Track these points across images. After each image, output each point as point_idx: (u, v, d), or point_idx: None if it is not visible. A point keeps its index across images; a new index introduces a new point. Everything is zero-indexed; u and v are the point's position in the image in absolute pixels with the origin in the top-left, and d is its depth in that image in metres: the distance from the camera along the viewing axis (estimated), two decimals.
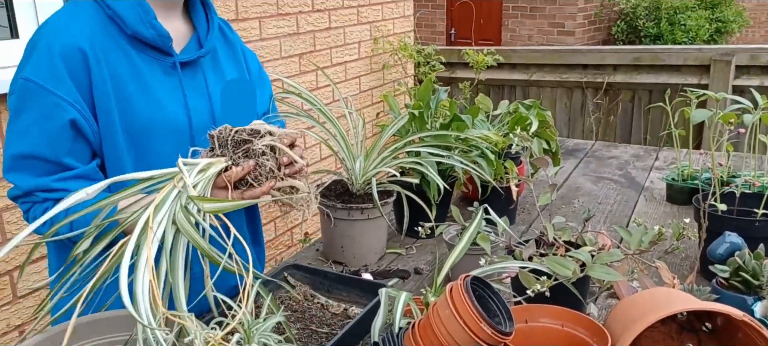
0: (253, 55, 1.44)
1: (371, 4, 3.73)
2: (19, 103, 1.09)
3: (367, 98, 3.85)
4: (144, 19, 1.15)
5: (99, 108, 1.12)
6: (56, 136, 1.06)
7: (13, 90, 1.11)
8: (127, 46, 1.16)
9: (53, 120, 1.08)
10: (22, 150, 1.09)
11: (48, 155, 1.09)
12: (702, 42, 9.01)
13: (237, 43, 1.39)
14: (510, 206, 1.97)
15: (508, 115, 2.16)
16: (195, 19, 1.29)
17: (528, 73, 4.85)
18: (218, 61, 1.31)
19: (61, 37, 1.09)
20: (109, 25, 1.14)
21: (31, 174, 1.06)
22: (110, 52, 1.13)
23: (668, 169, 2.45)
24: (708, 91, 1.89)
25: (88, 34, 1.11)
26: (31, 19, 2.03)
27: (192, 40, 1.27)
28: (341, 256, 1.75)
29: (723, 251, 1.35)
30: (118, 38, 1.15)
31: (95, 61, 1.11)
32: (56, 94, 1.08)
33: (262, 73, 1.47)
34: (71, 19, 1.13)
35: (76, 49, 1.09)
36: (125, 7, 1.14)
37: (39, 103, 1.07)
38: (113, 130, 1.14)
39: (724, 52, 4.19)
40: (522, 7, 9.44)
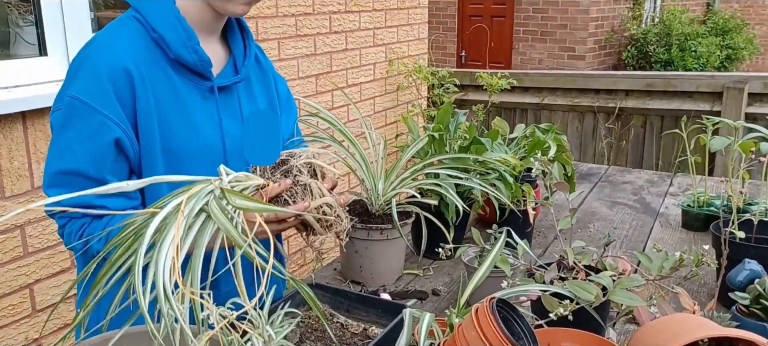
0: (283, 81, 1.47)
1: (387, 26, 3.78)
2: (64, 120, 1.11)
3: (381, 119, 3.88)
4: (188, 44, 1.17)
5: (141, 128, 1.14)
6: (100, 155, 1.08)
7: (59, 106, 1.12)
8: (169, 69, 1.18)
9: (99, 138, 1.09)
10: (65, 166, 1.10)
11: (91, 173, 1.10)
12: (713, 69, 9.03)
13: (269, 70, 1.41)
14: (527, 229, 1.98)
15: (524, 138, 2.18)
16: (232, 44, 1.32)
17: (540, 96, 4.88)
18: (251, 87, 1.34)
19: (108, 57, 1.12)
20: (153, 48, 1.17)
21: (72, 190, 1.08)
22: (153, 74, 1.16)
23: (683, 195, 2.46)
24: (725, 119, 1.91)
25: (133, 55, 1.14)
26: (60, 38, 2.08)
27: (228, 65, 1.30)
28: (359, 276, 1.76)
29: (743, 279, 1.36)
30: (160, 61, 1.17)
31: (140, 83, 1.13)
32: (103, 113, 1.09)
33: (289, 98, 1.50)
34: (117, 40, 1.15)
35: (122, 70, 1.11)
36: (170, 32, 1.16)
37: (85, 121, 1.09)
38: (153, 150, 1.16)
39: (737, 80, 4.20)
40: (533, 31, 9.50)
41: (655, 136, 4.55)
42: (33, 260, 2.07)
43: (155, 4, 1.18)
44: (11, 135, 1.94)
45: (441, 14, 10.20)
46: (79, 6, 2.12)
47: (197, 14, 1.21)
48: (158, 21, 1.16)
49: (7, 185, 1.96)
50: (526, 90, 4.88)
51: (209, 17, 1.23)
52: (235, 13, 1.23)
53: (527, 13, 9.48)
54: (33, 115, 1.97)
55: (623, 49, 9.51)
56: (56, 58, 2.10)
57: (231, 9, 1.21)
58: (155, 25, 1.16)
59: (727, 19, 10.20)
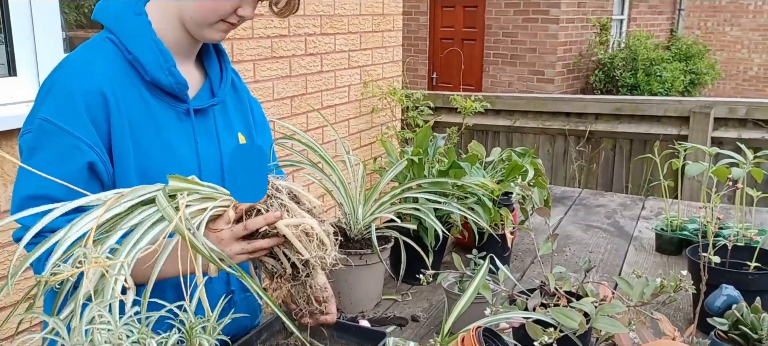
0: (257, 104, 1.46)
1: (362, 49, 3.79)
2: (34, 143, 1.07)
3: (356, 140, 3.88)
4: (164, 66, 1.15)
5: (116, 151, 1.11)
6: (72, 178, 1.03)
7: (29, 129, 1.09)
8: (144, 91, 1.16)
9: (71, 162, 1.06)
10: (35, 191, 1.06)
11: (62, 197, 1.06)
12: (678, 93, 9.26)
13: (244, 93, 1.40)
14: (505, 253, 1.98)
15: (501, 162, 2.19)
16: (208, 66, 1.30)
17: (512, 119, 4.93)
18: (227, 109, 1.32)
19: (82, 79, 1.09)
20: (128, 69, 1.14)
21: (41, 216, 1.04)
22: (128, 96, 1.13)
23: (656, 218, 2.49)
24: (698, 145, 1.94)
25: (109, 77, 1.11)
26: (31, 57, 2.03)
27: (204, 88, 1.28)
28: (338, 302, 1.73)
29: (720, 304, 1.37)
30: (136, 82, 1.15)
31: (115, 105, 1.10)
32: (75, 135, 1.06)
33: (264, 121, 1.48)
34: (91, 61, 1.12)
35: (97, 92, 1.09)
36: (146, 53, 1.14)
37: (57, 144, 1.05)
38: (128, 173, 1.13)
39: (703, 105, 4.31)
40: (503, 55, 9.64)
41: (625, 160, 4.63)
42: None
43: (131, 26, 1.15)
44: None
45: (412, 37, 10.29)
46: (51, 25, 2.08)
47: (174, 38, 1.20)
48: (134, 43, 1.14)
49: None
50: (498, 113, 4.94)
51: (186, 41, 1.22)
52: (213, 40, 1.22)
53: (497, 37, 9.63)
54: (1, 136, 1.91)
55: (591, 73, 9.70)
56: (26, 78, 2.04)
57: (208, 36, 1.19)
58: (131, 46, 1.14)
59: (690, 44, 10.51)
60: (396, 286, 1.87)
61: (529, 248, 2.20)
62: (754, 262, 1.60)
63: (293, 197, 1.09)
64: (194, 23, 1.17)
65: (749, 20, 12.37)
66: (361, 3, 3.72)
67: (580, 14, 9.38)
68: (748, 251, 1.64)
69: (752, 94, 12.34)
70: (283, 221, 1.02)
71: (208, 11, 1.15)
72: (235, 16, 1.17)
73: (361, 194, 1.75)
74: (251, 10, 1.18)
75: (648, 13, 11.28)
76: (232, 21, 1.17)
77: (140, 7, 1.17)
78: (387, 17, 4.02)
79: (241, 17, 1.17)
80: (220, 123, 1.29)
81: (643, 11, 11.13)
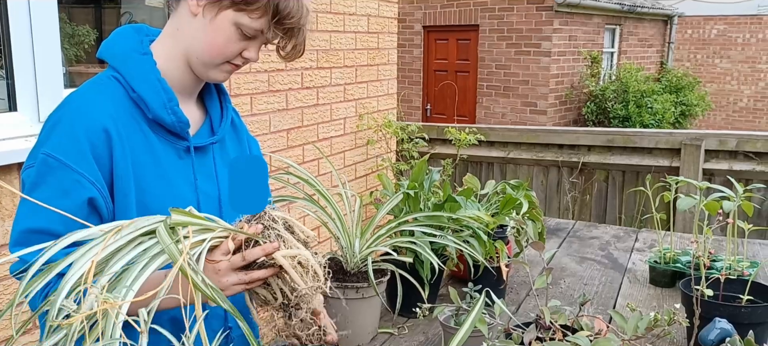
0: (256, 143, 1.47)
1: (357, 82, 3.83)
2: (37, 178, 1.08)
3: (351, 172, 3.90)
4: (167, 105, 1.17)
5: (117, 188, 1.12)
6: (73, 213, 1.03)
7: (32, 164, 1.10)
8: (146, 128, 1.17)
9: (72, 197, 1.07)
10: (35, 225, 1.07)
11: (62, 232, 1.06)
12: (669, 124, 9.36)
13: (243, 131, 1.42)
14: (500, 286, 2.00)
15: (495, 195, 2.21)
16: (209, 104, 1.32)
17: (505, 150, 4.97)
18: (225, 147, 1.34)
19: (87, 117, 1.10)
20: (132, 107, 1.16)
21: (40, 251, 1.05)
22: (132, 133, 1.15)
23: (649, 250, 2.52)
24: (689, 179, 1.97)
25: (112, 114, 1.12)
26: (31, 92, 2.04)
27: (204, 126, 1.30)
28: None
29: (714, 337, 1.39)
30: (139, 120, 1.17)
31: (118, 142, 1.12)
32: (78, 171, 1.07)
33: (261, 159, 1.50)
34: (96, 99, 1.14)
35: (100, 129, 1.10)
36: (150, 93, 1.16)
37: (59, 179, 1.06)
38: (128, 209, 1.14)
39: (694, 137, 4.36)
40: (496, 87, 9.74)
41: (618, 191, 4.67)
42: None
43: (137, 66, 1.17)
44: None
45: (407, 69, 10.40)
46: (51, 60, 2.10)
47: (178, 77, 1.22)
48: (139, 82, 1.16)
49: None
50: (491, 144, 4.98)
51: (189, 80, 1.24)
52: (217, 80, 1.24)
53: (490, 69, 9.74)
54: (0, 171, 1.92)
55: (583, 105, 9.80)
56: (27, 113, 2.06)
57: (213, 76, 1.22)
58: (135, 85, 1.16)
59: (680, 76, 10.65)
60: (392, 319, 1.88)
61: (525, 279, 2.22)
62: (747, 295, 1.62)
63: (288, 227, 1.11)
64: (200, 63, 1.19)
65: (738, 53, 12.57)
66: (356, 37, 3.78)
67: (571, 47, 9.51)
68: (740, 284, 1.67)
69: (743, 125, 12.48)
70: (280, 252, 1.04)
71: (214, 53, 1.17)
72: (240, 59, 1.19)
73: (358, 227, 1.77)
74: (256, 53, 1.20)
75: (638, 46, 11.45)
76: (237, 63, 1.20)
77: (146, 46, 1.19)
78: (382, 51, 4.08)
79: (246, 59, 1.20)
80: (219, 161, 1.31)
81: (634, 44, 11.29)
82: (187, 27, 1.18)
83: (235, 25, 1.14)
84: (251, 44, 1.18)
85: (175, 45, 1.20)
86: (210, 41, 1.16)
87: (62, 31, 2.19)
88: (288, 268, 1.04)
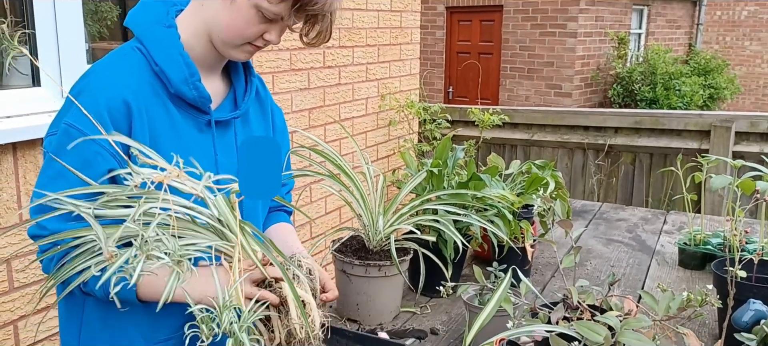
0: (280, 112, 1.46)
1: (379, 62, 3.80)
2: (58, 147, 1.09)
3: (373, 153, 3.88)
4: (189, 80, 1.16)
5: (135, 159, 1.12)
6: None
7: (54, 132, 1.11)
8: (168, 102, 1.17)
9: (92, 167, 1.08)
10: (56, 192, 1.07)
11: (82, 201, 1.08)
12: (697, 107, 9.18)
13: (267, 101, 1.40)
14: (525, 267, 1.96)
15: (520, 174, 2.17)
16: (234, 78, 1.31)
17: (530, 132, 4.91)
18: (248, 120, 1.33)
19: (107, 88, 1.11)
20: (154, 80, 1.16)
21: (60, 218, 1.04)
22: (152, 106, 1.15)
23: (678, 232, 2.46)
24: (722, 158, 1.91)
25: (133, 86, 1.12)
26: (55, 68, 2.05)
27: (228, 99, 1.29)
28: (356, 314, 1.73)
29: (748, 319, 1.34)
30: (160, 93, 1.16)
31: (138, 114, 1.12)
32: (97, 142, 1.08)
33: (284, 130, 1.49)
34: (118, 71, 1.14)
35: (120, 101, 1.10)
36: (173, 68, 1.15)
37: (80, 149, 1.06)
38: None
39: (724, 119, 4.26)
40: (520, 69, 9.62)
41: (645, 174, 4.58)
42: (18, 295, 2.01)
43: (160, 39, 1.17)
44: (1, 166, 1.90)
45: (429, 51, 10.31)
46: (74, 37, 2.10)
47: (202, 51, 1.21)
48: (161, 56, 1.16)
49: None
50: (515, 126, 4.92)
51: (213, 56, 1.23)
52: (238, 59, 1.23)
53: (514, 51, 9.62)
54: (24, 146, 1.93)
55: (609, 87, 9.65)
56: (50, 89, 2.07)
57: (234, 55, 1.21)
58: (158, 59, 1.15)
59: (709, 59, 10.43)
60: (415, 298, 1.86)
61: (550, 261, 2.18)
62: None
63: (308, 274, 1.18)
64: (221, 42, 1.18)
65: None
66: (379, 16, 3.73)
67: (597, 28, 9.34)
68: None
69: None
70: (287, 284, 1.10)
71: (235, 33, 1.16)
72: (261, 40, 1.18)
73: (381, 206, 1.75)
74: (277, 36, 1.19)
75: (666, 28, 11.22)
76: (258, 44, 1.19)
77: (171, 19, 1.19)
78: (405, 30, 4.03)
79: (267, 42, 1.19)
80: (241, 134, 1.30)
81: (661, 26, 11.07)
82: (210, 4, 1.18)
83: (255, 8, 1.13)
84: (272, 27, 1.17)
85: (199, 20, 1.19)
86: (230, 22, 1.15)
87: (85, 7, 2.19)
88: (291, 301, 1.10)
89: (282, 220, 1.49)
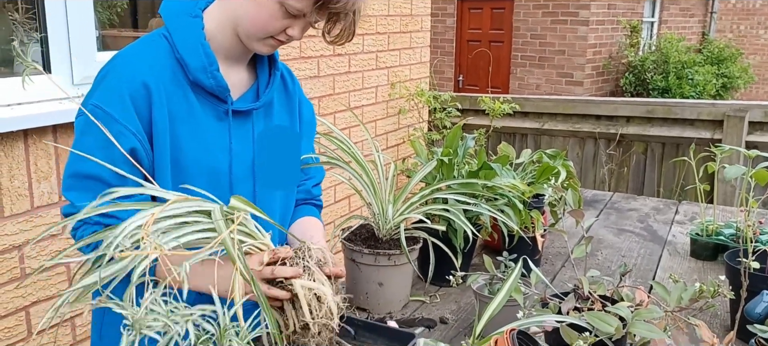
0: (309, 106, 1.47)
1: (389, 49, 3.78)
2: (85, 126, 1.14)
3: (383, 142, 3.87)
4: (208, 70, 1.19)
5: (155, 142, 1.17)
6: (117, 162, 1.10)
7: (82, 114, 1.16)
8: (188, 89, 1.21)
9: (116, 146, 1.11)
10: (83, 170, 1.13)
11: (107, 178, 1.12)
12: (709, 97, 9.09)
13: (296, 94, 1.41)
14: (535, 257, 1.96)
15: (531, 163, 2.16)
16: (259, 69, 1.33)
17: (540, 121, 4.88)
18: (271, 112, 1.34)
19: (129, 71, 1.15)
20: (176, 66, 1.20)
21: (89, 194, 1.08)
22: (173, 91, 1.19)
23: (690, 223, 2.44)
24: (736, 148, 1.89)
25: (156, 71, 1.17)
26: (65, 56, 2.05)
27: (251, 90, 1.31)
28: (366, 302, 1.73)
29: (761, 311, 1.33)
30: (181, 80, 1.20)
31: (158, 98, 1.16)
32: (121, 122, 1.13)
33: (312, 122, 1.49)
34: (140, 55, 1.19)
35: (141, 84, 1.15)
36: (191, 55, 1.19)
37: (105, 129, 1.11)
38: (163, 164, 1.18)
39: (737, 108, 4.21)
40: (531, 57, 9.56)
41: (657, 163, 4.54)
42: (30, 282, 2.02)
43: (184, 27, 1.21)
44: (12, 153, 1.91)
45: (439, 39, 10.26)
46: (85, 24, 2.10)
47: (226, 43, 1.24)
48: (182, 44, 1.20)
49: (6, 204, 1.92)
50: (526, 115, 4.89)
51: (238, 47, 1.26)
52: (261, 52, 1.26)
53: (525, 39, 9.55)
54: (35, 133, 1.94)
55: (621, 76, 9.57)
56: (61, 77, 2.07)
57: (257, 48, 1.24)
58: (180, 47, 1.20)
59: (722, 48, 10.30)
60: (424, 287, 1.86)
61: (560, 251, 2.17)
62: None
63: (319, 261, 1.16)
64: (245, 35, 1.21)
65: None
66: (389, 3, 3.71)
67: (610, 16, 9.26)
68: None
69: None
70: (299, 280, 1.11)
71: (259, 27, 1.19)
72: (284, 35, 1.20)
73: (391, 195, 1.74)
74: (300, 32, 1.21)
75: (679, 16, 11.10)
76: (281, 39, 1.21)
77: (198, 10, 1.22)
78: (415, 18, 4.01)
79: (290, 37, 1.21)
80: (259, 126, 1.31)
81: (674, 13, 10.95)
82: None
83: (279, 3, 1.16)
84: (295, 23, 1.20)
85: (224, 12, 1.23)
86: (254, 15, 1.19)
87: None
88: (302, 298, 1.10)
89: (309, 214, 1.48)
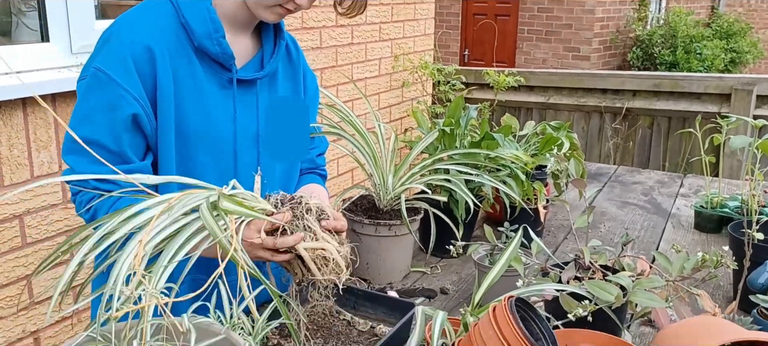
0: (313, 77, 1.46)
1: (393, 21, 3.73)
2: (87, 90, 1.13)
3: (386, 115, 3.84)
4: (213, 36, 1.18)
5: (159, 108, 1.16)
6: (118, 127, 1.10)
7: (84, 76, 1.15)
8: (193, 55, 1.19)
9: (117, 111, 1.11)
10: (85, 134, 1.11)
11: (110, 144, 1.12)
12: (718, 71, 8.99)
13: (300, 64, 1.41)
14: (537, 228, 1.94)
15: (535, 135, 2.13)
16: (264, 38, 1.31)
17: (546, 95, 4.83)
18: (275, 81, 1.33)
19: (133, 35, 1.14)
20: (180, 31, 1.18)
21: (89, 159, 1.07)
22: (176, 56, 1.17)
23: (695, 196, 2.42)
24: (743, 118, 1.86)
25: (159, 35, 1.15)
26: (63, 24, 2.03)
27: (255, 59, 1.30)
28: (366, 273, 1.72)
29: (764, 281, 1.32)
30: (186, 45, 1.18)
31: (162, 63, 1.14)
32: (123, 86, 1.11)
33: (315, 95, 1.48)
34: (144, 18, 1.17)
35: (145, 48, 1.13)
36: (197, 21, 1.17)
37: (106, 93, 1.11)
38: (168, 130, 1.17)
39: (745, 82, 4.16)
40: (537, 31, 9.45)
41: (663, 137, 4.50)
42: (31, 251, 2.02)
43: None
44: (11, 122, 1.90)
45: (444, 12, 10.15)
46: None
47: (233, 9, 1.23)
48: (189, 9, 1.19)
49: (6, 173, 1.92)
50: (531, 89, 4.84)
51: (244, 15, 1.24)
52: (267, 20, 1.24)
53: (532, 13, 9.44)
54: (33, 101, 1.93)
55: (628, 50, 9.46)
56: (58, 45, 2.05)
57: (264, 16, 1.22)
58: (185, 11, 1.18)
59: (732, 22, 10.16)
60: (425, 258, 1.85)
61: (563, 223, 2.15)
62: None
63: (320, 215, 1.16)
64: (253, 1, 1.20)
65: None
66: None
67: None
68: None
69: None
70: (303, 244, 1.11)
71: None
72: (291, 3, 1.19)
73: (392, 165, 1.72)
74: (308, 1, 1.20)
75: None
76: (288, 7, 1.20)
77: None
78: None
79: (298, 6, 1.20)
80: (263, 95, 1.30)
81: None
82: None
83: None
84: None
85: None
86: None
87: None
88: (308, 260, 1.12)
89: (314, 182, 1.47)
